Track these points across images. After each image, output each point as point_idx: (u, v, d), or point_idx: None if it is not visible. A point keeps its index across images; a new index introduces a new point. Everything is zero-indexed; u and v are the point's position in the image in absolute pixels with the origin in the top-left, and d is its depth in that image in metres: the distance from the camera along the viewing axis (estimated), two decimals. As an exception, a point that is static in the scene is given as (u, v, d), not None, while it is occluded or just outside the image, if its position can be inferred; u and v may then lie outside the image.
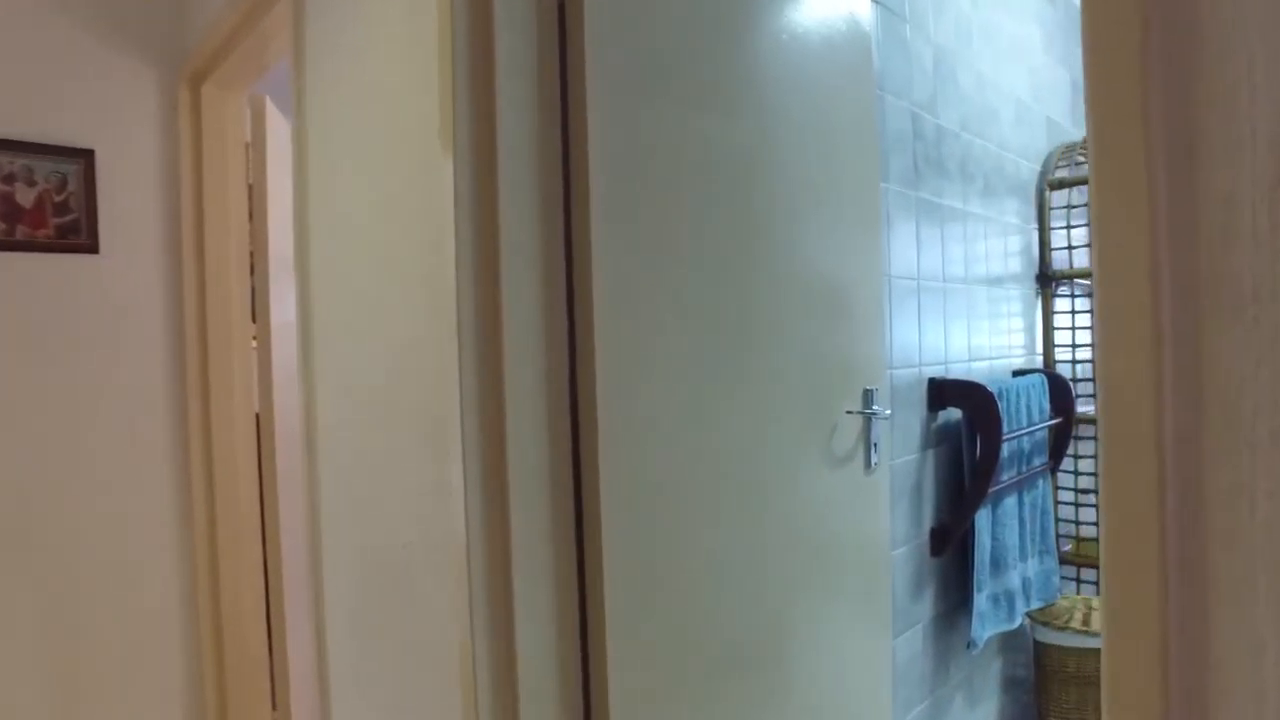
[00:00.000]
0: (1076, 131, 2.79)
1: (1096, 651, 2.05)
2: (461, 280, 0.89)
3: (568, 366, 1.00)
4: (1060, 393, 2.21)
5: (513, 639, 0.88)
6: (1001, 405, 1.86)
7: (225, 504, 1.92)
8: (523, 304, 0.94)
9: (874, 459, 1.48)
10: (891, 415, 1.53)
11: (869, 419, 1.47)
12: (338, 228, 1.20)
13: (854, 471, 1.44)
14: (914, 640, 1.83)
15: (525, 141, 0.94)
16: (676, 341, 1.08)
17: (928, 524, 1.91)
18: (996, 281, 2.27)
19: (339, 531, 1.20)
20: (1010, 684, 2.27)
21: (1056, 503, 2.44)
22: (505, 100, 0.91)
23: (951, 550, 1.96)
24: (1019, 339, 2.40)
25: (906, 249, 1.83)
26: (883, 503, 1.52)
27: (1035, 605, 2.14)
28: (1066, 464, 2.42)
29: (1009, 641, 2.26)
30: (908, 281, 1.83)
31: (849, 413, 1.43)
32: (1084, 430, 2.46)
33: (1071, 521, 2.44)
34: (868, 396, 1.47)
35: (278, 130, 1.91)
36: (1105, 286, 0.42)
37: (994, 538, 1.98)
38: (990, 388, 1.87)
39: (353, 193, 1.15)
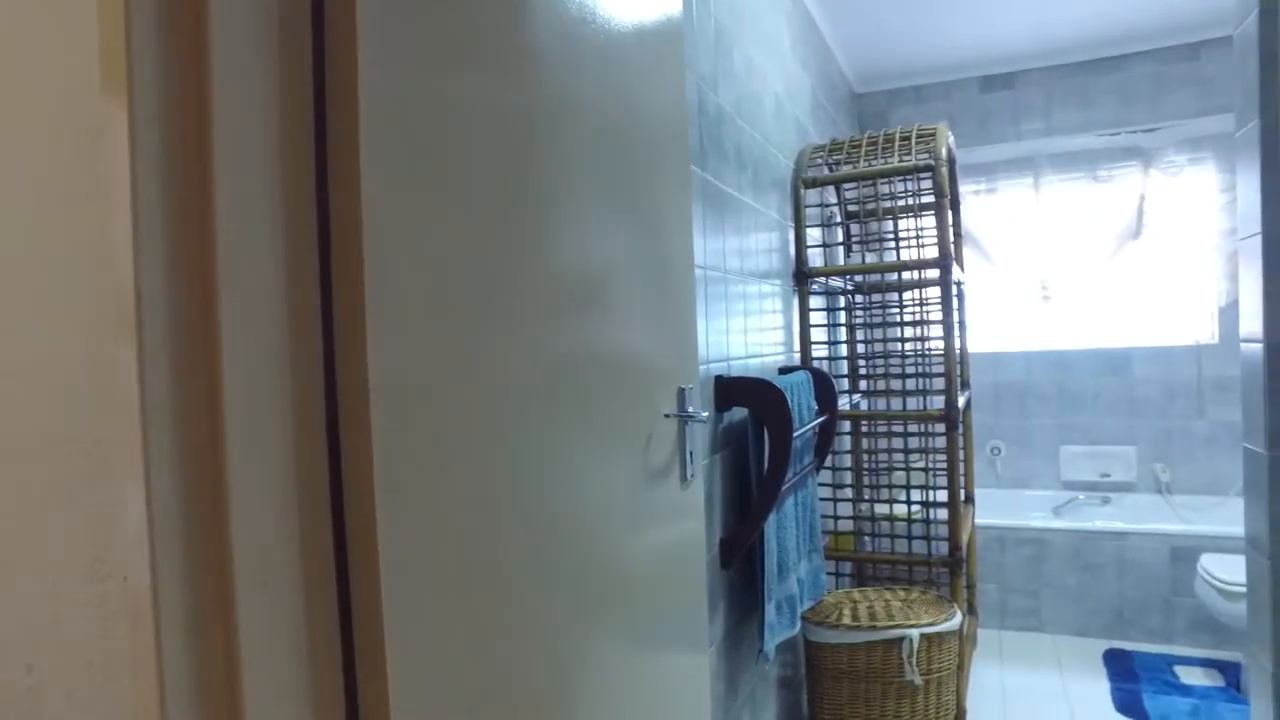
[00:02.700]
0: (818, 135, 2.88)
1: (866, 646, 2.05)
2: (146, 263, 0.50)
3: (322, 380, 0.64)
4: (825, 390, 2.20)
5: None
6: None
7: None
8: (251, 295, 0.56)
9: (690, 470, 1.26)
10: (708, 418, 1.34)
11: (683, 424, 1.25)
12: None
13: (671, 486, 1.21)
14: (710, 662, 1.67)
15: (251, 91, 0.57)
16: (469, 344, 0.76)
17: (717, 534, 1.75)
18: (765, 276, 2.21)
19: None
20: (783, 686, 2.22)
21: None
22: (220, 34, 0.54)
23: (739, 560, 1.83)
24: (780, 336, 2.38)
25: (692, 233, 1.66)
26: (699, 520, 1.31)
27: (807, 605, 2.10)
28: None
29: (780, 643, 2.21)
30: (695, 270, 1.66)
31: (667, 416, 1.20)
32: (840, 426, 2.51)
33: (830, 517, 2.47)
34: (682, 397, 1.25)
35: None
36: None
37: (779, 543, 1.89)
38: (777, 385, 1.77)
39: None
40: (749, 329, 2.05)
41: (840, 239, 2.96)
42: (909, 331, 2.61)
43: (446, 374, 0.73)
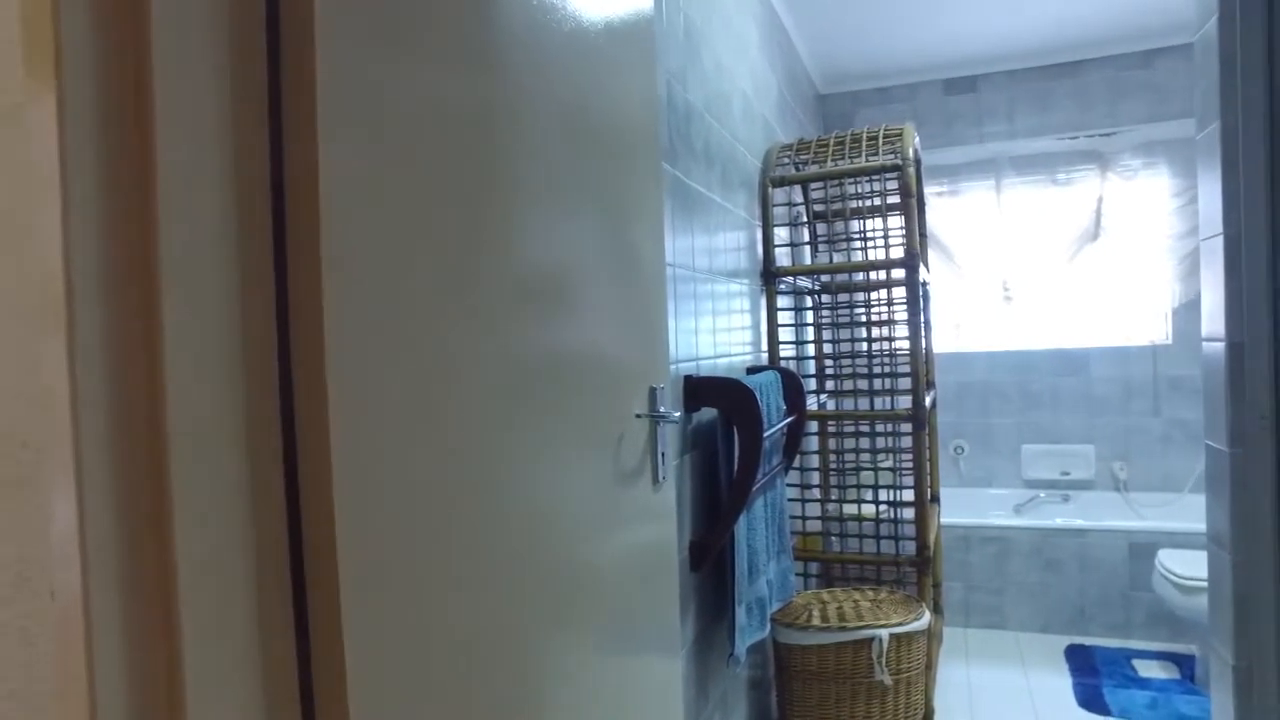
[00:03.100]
0: (785, 135, 2.88)
1: (836, 647, 2.05)
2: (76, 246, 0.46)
3: (276, 379, 0.60)
4: (793, 389, 2.19)
5: None
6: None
7: None
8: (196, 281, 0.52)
9: (661, 472, 1.24)
10: (680, 418, 1.31)
11: (655, 424, 1.22)
12: None
13: (643, 488, 1.18)
14: (681, 667, 1.64)
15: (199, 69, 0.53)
16: (432, 339, 0.73)
17: (686, 536, 1.73)
18: (733, 275, 2.20)
19: None
20: (753, 688, 2.20)
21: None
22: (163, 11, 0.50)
23: (709, 563, 1.81)
24: (748, 335, 2.37)
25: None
26: (671, 522, 1.28)
27: (776, 606, 2.08)
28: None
29: (750, 645, 2.20)
30: (666, 268, 1.64)
31: (638, 417, 1.17)
32: (806, 426, 2.51)
33: (798, 517, 2.46)
34: (654, 397, 1.22)
35: None
36: None
37: (749, 545, 1.87)
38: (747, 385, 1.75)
39: None
40: (717, 328, 2.03)
41: (806, 239, 2.96)
42: (875, 331, 2.62)
43: (408, 370, 0.69)
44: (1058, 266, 3.37)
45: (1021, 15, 2.97)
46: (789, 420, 2.12)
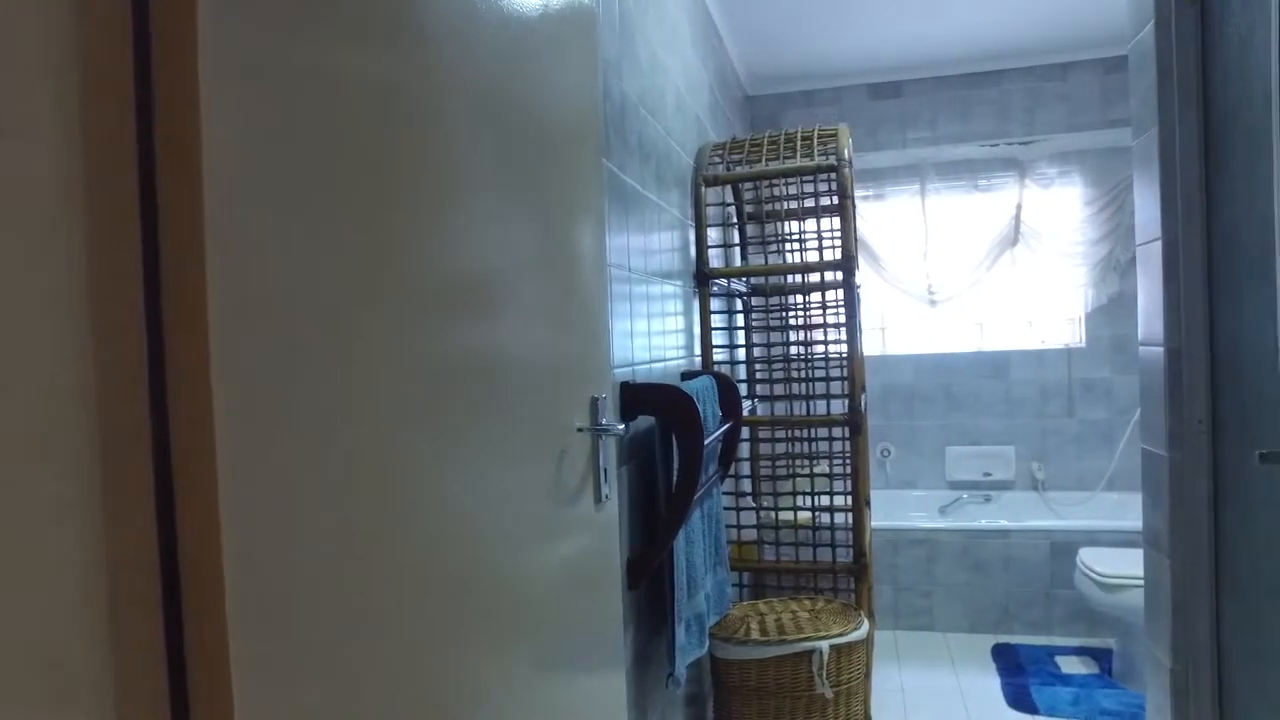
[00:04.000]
0: (716, 134, 2.82)
1: (776, 661, 1.99)
2: None
3: (147, 391, 0.47)
4: (729, 395, 2.12)
5: None
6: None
7: None
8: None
9: (604, 489, 1.13)
10: (624, 430, 1.21)
11: (598, 438, 1.12)
12: None
13: (584, 507, 1.08)
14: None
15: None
16: (333, 351, 0.61)
17: (623, 554, 1.63)
18: (667, 276, 2.12)
19: None
20: (690, 704, 2.13)
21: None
22: None
23: (646, 580, 1.72)
24: (681, 339, 2.29)
25: (602, 229, 1.54)
26: (614, 545, 1.19)
27: (713, 620, 2.01)
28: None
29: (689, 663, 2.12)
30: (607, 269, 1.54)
31: (580, 430, 1.07)
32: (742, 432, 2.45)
33: (732, 526, 2.40)
34: (596, 408, 1.12)
35: None
36: None
37: (687, 559, 1.79)
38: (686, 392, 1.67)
39: None
40: (652, 332, 1.95)
41: (737, 240, 2.91)
42: (808, 335, 2.58)
43: (305, 385, 0.57)
44: (979, 271, 3.43)
45: (945, 23, 3.00)
46: (726, 428, 2.06)
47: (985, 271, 3.43)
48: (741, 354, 2.84)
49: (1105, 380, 3.37)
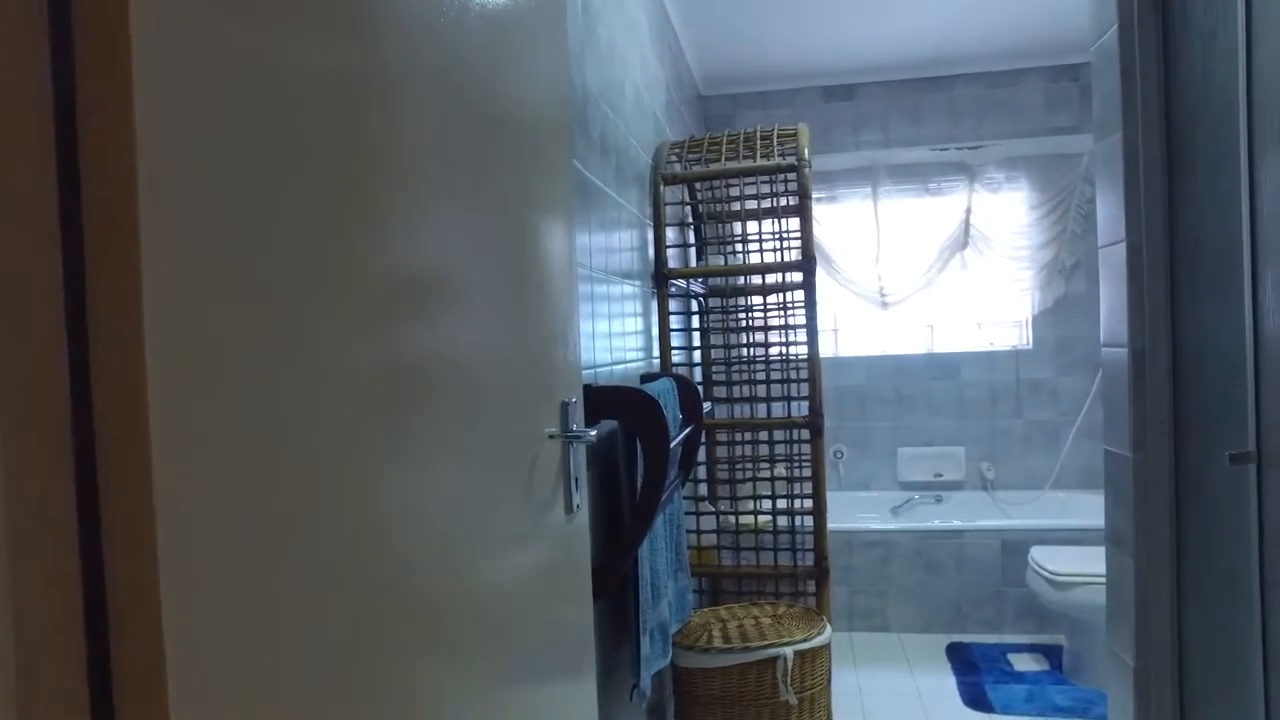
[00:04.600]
0: (672, 133, 2.78)
1: (740, 668, 1.95)
2: None
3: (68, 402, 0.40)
4: (690, 398, 2.08)
5: None
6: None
7: None
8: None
9: (576, 498, 1.07)
10: (595, 436, 1.14)
11: (568, 445, 1.06)
12: None
13: (557, 519, 1.02)
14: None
15: None
16: (279, 356, 0.55)
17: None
18: (627, 276, 2.06)
19: None
20: (651, 715, 2.07)
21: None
22: None
23: (611, 589, 1.66)
24: (640, 341, 2.24)
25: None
26: (586, 557, 1.13)
27: (675, 628, 1.97)
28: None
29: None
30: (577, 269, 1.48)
31: (551, 437, 1.00)
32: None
33: (692, 531, 2.36)
34: (566, 413, 1.06)
35: None
36: None
37: (651, 567, 1.74)
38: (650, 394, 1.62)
39: None
40: (613, 333, 1.89)
41: (693, 240, 2.87)
42: (766, 336, 2.56)
43: (249, 377, 0.50)
44: (931, 273, 3.47)
45: (897, 27, 3.02)
46: (687, 431, 2.01)
47: (936, 274, 3.47)
48: (697, 356, 2.80)
49: (1051, 381, 3.45)
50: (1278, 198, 1.10)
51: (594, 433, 1.07)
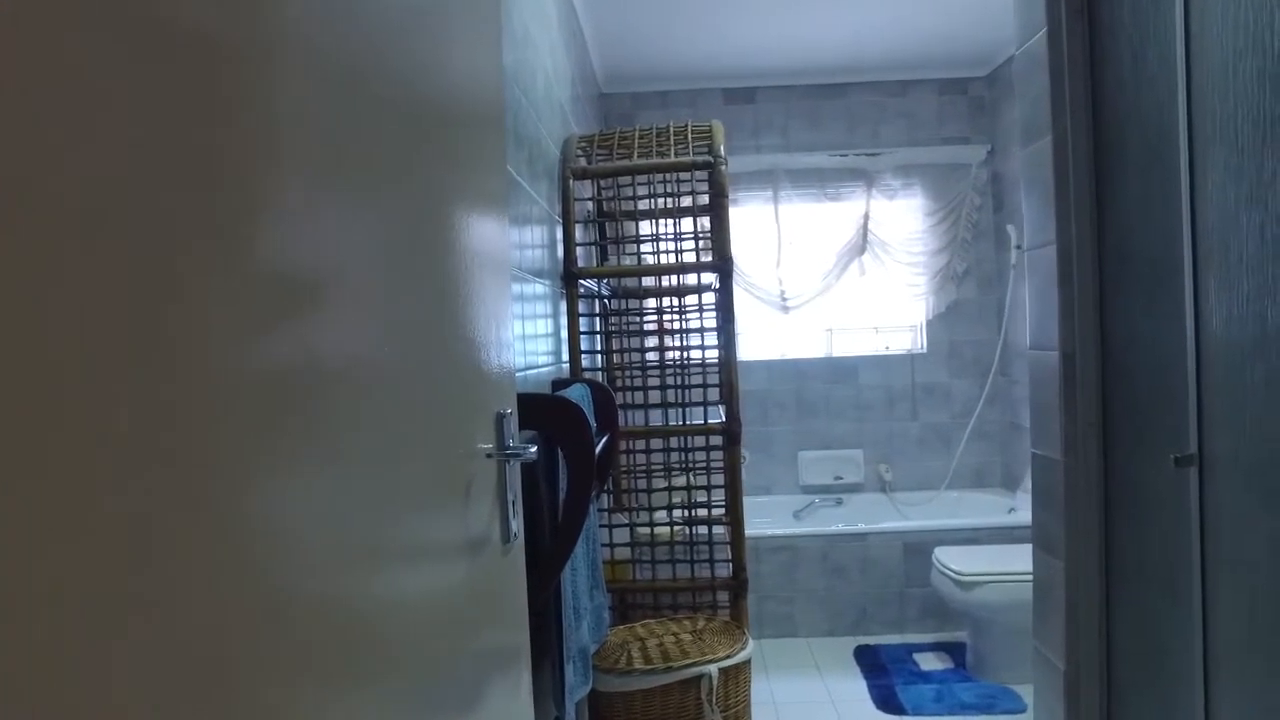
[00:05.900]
0: (577, 128, 2.66)
1: (662, 690, 1.85)
2: None
3: None
4: (606, 405, 1.96)
5: None
6: (590, 424, 1.50)
7: None
8: None
9: (514, 527, 0.93)
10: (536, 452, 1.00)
11: (504, 464, 0.92)
12: None
13: (493, 551, 0.87)
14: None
15: None
16: (130, 368, 0.39)
17: (506, 588, 1.42)
18: (539, 275, 1.92)
19: None
20: (565, 748, 1.93)
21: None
22: None
23: (535, 616, 1.51)
24: (550, 344, 2.10)
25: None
26: (523, 595, 0.98)
27: (593, 650, 1.84)
28: (599, 481, 2.20)
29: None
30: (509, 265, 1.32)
31: (489, 456, 0.86)
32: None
33: (606, 545, 2.24)
34: (502, 427, 0.92)
35: None
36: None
37: (573, 590, 1.61)
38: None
39: None
40: (526, 335, 1.75)
41: (596, 238, 2.75)
42: (684, 340, 2.47)
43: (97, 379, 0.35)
44: (829, 278, 3.50)
45: (799, 34, 3.02)
46: (605, 440, 1.89)
47: (835, 279, 3.51)
48: (600, 360, 2.68)
49: (944, 384, 3.55)
50: (1219, 200, 1.10)
51: (534, 449, 0.93)
